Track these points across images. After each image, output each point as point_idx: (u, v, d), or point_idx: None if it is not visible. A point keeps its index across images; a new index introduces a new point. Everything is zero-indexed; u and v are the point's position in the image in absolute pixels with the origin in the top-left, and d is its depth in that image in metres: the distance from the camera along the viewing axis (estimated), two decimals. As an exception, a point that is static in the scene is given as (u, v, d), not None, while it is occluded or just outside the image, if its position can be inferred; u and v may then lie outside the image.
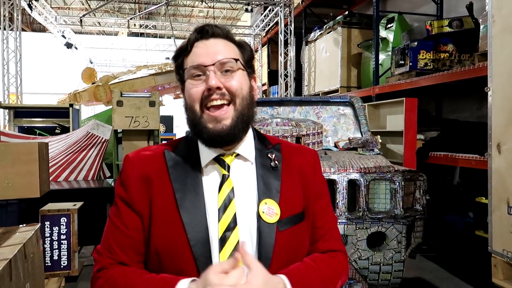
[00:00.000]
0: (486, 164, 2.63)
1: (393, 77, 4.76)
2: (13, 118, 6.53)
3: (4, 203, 3.21)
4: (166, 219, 0.88)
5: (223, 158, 0.93)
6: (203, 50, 0.90)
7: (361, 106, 3.54)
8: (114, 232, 0.93)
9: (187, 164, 0.93)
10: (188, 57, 0.92)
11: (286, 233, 0.90)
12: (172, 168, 0.92)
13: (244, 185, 0.92)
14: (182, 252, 0.86)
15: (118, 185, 0.96)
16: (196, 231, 0.86)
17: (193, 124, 0.91)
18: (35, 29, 16.38)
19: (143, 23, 12.85)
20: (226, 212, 0.88)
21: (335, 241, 1.01)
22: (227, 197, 0.89)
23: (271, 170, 0.95)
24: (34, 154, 3.27)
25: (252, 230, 0.89)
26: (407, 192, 2.38)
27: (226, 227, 0.87)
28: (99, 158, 5.20)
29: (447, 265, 3.83)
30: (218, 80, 0.87)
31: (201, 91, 0.88)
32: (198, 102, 0.89)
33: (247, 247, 0.86)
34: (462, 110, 5.07)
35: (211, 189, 0.91)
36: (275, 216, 0.89)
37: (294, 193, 0.95)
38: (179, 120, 13.53)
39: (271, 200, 0.91)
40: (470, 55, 4.30)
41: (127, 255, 0.91)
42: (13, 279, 1.97)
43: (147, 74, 8.79)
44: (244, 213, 0.89)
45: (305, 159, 1.01)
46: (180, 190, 0.89)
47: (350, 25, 6.25)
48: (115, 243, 0.91)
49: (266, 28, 11.15)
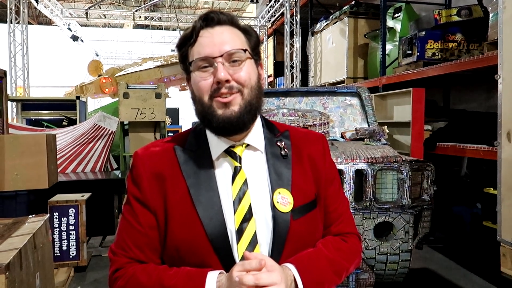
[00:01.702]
0: (494, 154, 2.60)
1: (400, 68, 4.71)
2: (20, 110, 6.59)
3: (14, 194, 3.25)
4: (183, 216, 0.87)
5: (233, 150, 0.93)
6: (209, 40, 0.88)
7: (368, 96, 3.51)
8: (129, 230, 0.92)
9: (198, 158, 0.92)
10: (193, 47, 0.89)
11: (300, 222, 0.90)
12: (184, 164, 0.91)
13: (256, 176, 0.92)
14: (202, 246, 0.85)
15: (130, 183, 0.95)
16: (214, 225, 0.86)
17: (202, 115, 0.90)
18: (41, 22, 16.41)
19: (148, 15, 12.82)
20: (241, 203, 0.88)
21: (347, 224, 1.01)
22: (241, 189, 0.89)
23: (281, 159, 0.94)
24: (42, 146, 3.30)
25: (268, 220, 0.88)
26: (414, 182, 2.37)
27: (242, 219, 0.87)
28: (106, 150, 5.23)
29: (454, 256, 3.82)
30: (226, 73, 0.86)
31: (210, 84, 0.87)
32: (208, 94, 0.87)
33: (264, 237, 0.88)
34: (470, 100, 5.02)
35: (224, 182, 0.91)
36: (288, 205, 0.89)
37: (305, 181, 0.95)
38: (185, 112, 13.56)
39: (284, 189, 0.90)
40: (479, 44, 4.24)
41: (144, 253, 0.90)
42: (23, 268, 2.00)
43: (153, 66, 8.79)
44: (258, 204, 0.89)
45: (314, 145, 1.00)
46: (194, 185, 0.89)
47: (356, 15, 6.19)
48: (131, 242, 0.90)
49: (271, 19, 11.07)
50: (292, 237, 0.88)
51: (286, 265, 0.85)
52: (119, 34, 15.52)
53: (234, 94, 0.87)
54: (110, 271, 0.91)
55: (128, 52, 15.63)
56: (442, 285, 3.23)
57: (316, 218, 0.95)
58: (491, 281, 3.21)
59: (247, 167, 0.92)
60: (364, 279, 2.34)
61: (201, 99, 0.88)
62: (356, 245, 1.00)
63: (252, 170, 0.92)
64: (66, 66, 14.50)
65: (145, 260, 0.90)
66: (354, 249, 0.99)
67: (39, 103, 6.70)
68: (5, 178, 3.19)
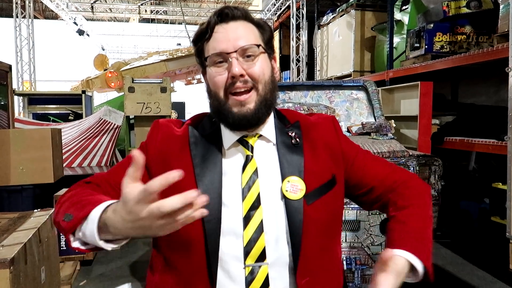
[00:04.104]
0: (504, 149, 2.55)
1: (408, 61, 4.65)
2: (27, 105, 6.61)
3: (19, 188, 3.26)
4: (182, 190, 0.87)
5: (246, 139, 0.94)
6: (224, 36, 0.90)
7: (375, 90, 3.47)
8: (117, 168, 0.97)
9: (208, 142, 0.95)
10: (208, 42, 0.91)
11: (315, 205, 0.90)
12: (193, 144, 0.94)
13: (267, 165, 0.93)
14: (194, 224, 0.84)
15: (144, 142, 1.00)
16: (212, 207, 0.86)
17: (217, 110, 0.92)
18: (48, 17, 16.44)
19: (154, 9, 12.79)
20: (250, 191, 0.89)
21: (389, 175, 1.00)
22: (251, 177, 0.90)
23: (292, 148, 0.95)
24: (47, 140, 3.30)
25: (277, 209, 0.90)
26: (421, 177, 2.33)
27: (250, 206, 0.88)
28: (112, 144, 5.24)
29: (461, 251, 3.78)
30: (241, 68, 0.87)
31: (225, 79, 0.89)
32: (223, 89, 0.90)
33: (272, 225, 0.88)
34: (479, 94, 4.95)
35: (233, 169, 0.92)
36: (299, 192, 0.89)
37: (319, 165, 0.95)
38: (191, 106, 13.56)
39: (294, 177, 0.91)
40: (489, 36, 4.16)
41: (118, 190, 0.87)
42: (28, 262, 2.00)
43: (158, 60, 8.78)
44: (267, 193, 0.90)
45: (325, 129, 1.01)
46: (199, 166, 0.91)
47: (363, 8, 6.11)
48: (116, 175, 0.93)
49: (277, 12, 10.99)
50: (309, 222, 0.88)
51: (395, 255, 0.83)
52: (125, 28, 15.52)
53: (250, 91, 0.89)
54: (87, 179, 0.96)
55: (134, 46, 15.64)
56: (449, 280, 3.21)
57: (335, 196, 0.95)
58: (499, 277, 3.17)
59: (259, 156, 0.93)
60: (370, 275, 2.32)
61: (217, 94, 0.91)
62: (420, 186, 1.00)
63: (263, 160, 0.93)
64: (72, 60, 14.54)
65: (111, 195, 0.90)
66: (420, 191, 0.99)
67: (45, 97, 6.71)
68: (11, 172, 3.20)
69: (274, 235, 0.88)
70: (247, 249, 0.86)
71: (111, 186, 0.93)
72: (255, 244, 0.86)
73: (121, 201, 0.67)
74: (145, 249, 4.00)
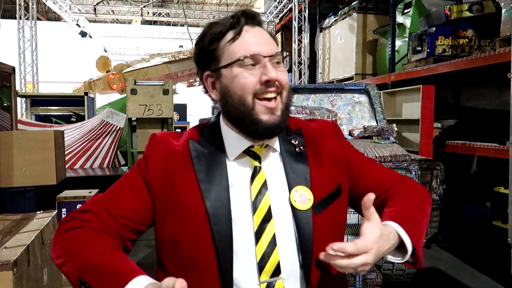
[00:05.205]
0: (506, 153, 2.55)
1: (410, 64, 4.65)
2: (30, 106, 6.64)
3: (22, 190, 3.27)
4: (188, 208, 0.85)
5: (253, 150, 0.91)
6: (255, 38, 0.87)
7: (377, 93, 3.48)
8: (119, 190, 0.91)
9: (211, 155, 0.91)
10: (234, 43, 0.86)
11: (323, 215, 0.88)
12: (196, 158, 0.90)
13: (274, 176, 0.90)
14: (204, 244, 0.83)
15: (141, 159, 0.95)
16: (222, 225, 0.83)
17: (241, 117, 0.87)
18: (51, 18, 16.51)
19: (156, 11, 12.83)
20: (261, 204, 0.86)
21: (390, 178, 1.00)
22: (260, 189, 0.87)
23: (297, 156, 0.93)
24: (50, 142, 3.31)
25: (287, 221, 0.87)
26: (423, 181, 2.34)
27: (262, 220, 0.85)
28: (114, 146, 5.25)
29: (463, 255, 3.78)
30: (276, 73, 0.85)
31: (255, 83, 0.85)
32: (252, 93, 0.85)
33: (284, 238, 0.85)
34: (481, 97, 4.94)
35: (240, 181, 0.89)
36: (308, 202, 0.87)
37: (324, 174, 0.93)
38: (193, 108, 13.57)
39: (302, 186, 0.88)
40: (491, 40, 4.16)
41: (116, 219, 0.86)
42: (30, 264, 2.01)
43: (160, 62, 8.80)
44: (278, 204, 0.87)
45: (327, 136, 0.99)
46: (204, 181, 0.87)
47: (365, 11, 6.12)
48: (114, 198, 0.89)
49: (279, 14, 11.01)
50: (318, 232, 0.86)
51: (386, 223, 0.83)
52: (127, 30, 15.57)
53: (277, 97, 0.87)
54: (80, 208, 0.89)
55: (136, 48, 15.67)
56: (450, 284, 3.20)
57: (341, 205, 0.94)
58: (500, 281, 3.16)
59: (265, 167, 0.91)
60: (371, 279, 2.32)
61: (243, 98, 0.85)
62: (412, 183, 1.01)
63: (270, 170, 0.91)
64: (75, 62, 14.58)
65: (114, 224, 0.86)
66: (415, 187, 1.00)
67: (48, 99, 6.74)
68: (14, 174, 3.21)
69: (286, 248, 0.85)
70: (261, 264, 0.83)
71: (110, 214, 0.87)
72: (269, 259, 0.83)
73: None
74: (146, 251, 4.00)
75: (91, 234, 0.83)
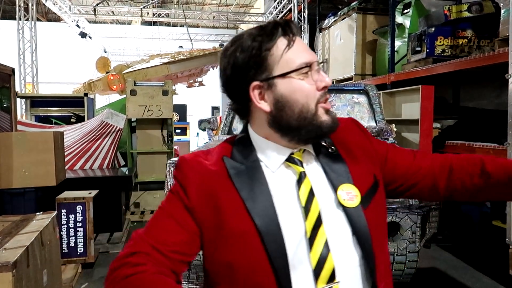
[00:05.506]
0: (505, 153, 2.55)
1: (409, 64, 4.66)
2: (29, 107, 6.64)
3: (22, 191, 3.28)
4: (239, 230, 0.83)
5: (293, 156, 0.90)
6: (304, 47, 0.88)
7: (376, 94, 3.48)
8: (165, 224, 0.85)
9: (250, 170, 0.88)
10: (290, 50, 0.85)
11: (371, 208, 0.88)
12: (235, 176, 0.86)
13: (317, 179, 0.89)
14: (261, 264, 0.80)
15: (176, 185, 0.89)
16: (275, 241, 0.81)
17: (303, 123, 0.86)
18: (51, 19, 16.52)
19: (156, 12, 12.84)
20: (311, 210, 0.84)
21: (436, 158, 1.01)
22: (309, 195, 0.85)
23: (331, 156, 0.92)
24: (49, 143, 3.32)
25: (338, 222, 0.85)
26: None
27: (313, 225, 0.83)
28: (114, 147, 5.26)
29: (462, 255, 3.78)
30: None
31: (315, 90, 0.86)
32: (315, 100, 0.86)
33: (336, 241, 0.84)
34: (480, 97, 4.95)
35: (281, 192, 0.86)
36: (355, 198, 0.86)
37: (361, 168, 0.93)
38: (193, 109, 13.58)
39: (346, 184, 0.88)
40: (490, 40, 4.16)
41: (168, 257, 0.82)
42: (30, 265, 2.01)
43: (160, 63, 8.79)
44: (326, 207, 0.86)
45: (351, 132, 0.99)
46: (250, 198, 0.84)
47: (365, 11, 6.12)
48: (163, 234, 0.83)
49: (279, 15, 11.02)
50: (371, 226, 0.86)
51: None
52: (127, 31, 15.55)
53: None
54: (126, 251, 0.82)
55: (136, 48, 15.65)
56: (450, 284, 3.20)
57: (381, 196, 0.94)
58: (500, 281, 3.17)
59: (308, 171, 0.89)
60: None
61: (307, 105, 0.85)
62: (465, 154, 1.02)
63: (312, 173, 0.89)
64: (75, 63, 14.57)
65: (168, 263, 0.82)
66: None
67: (48, 100, 6.74)
68: (13, 175, 3.22)
69: (340, 250, 0.84)
70: (317, 271, 0.81)
71: (160, 253, 0.81)
72: (324, 264, 0.81)
73: None
74: (146, 252, 4.00)
75: (153, 279, 0.78)
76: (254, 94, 0.87)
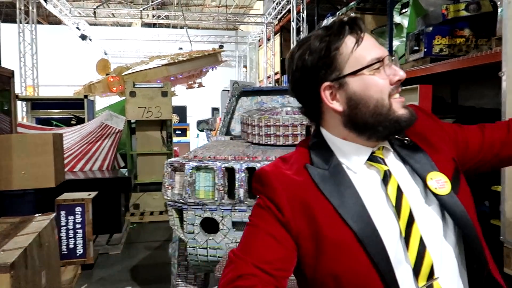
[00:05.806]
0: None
1: (407, 64, 4.66)
2: (30, 109, 6.65)
3: (21, 192, 3.29)
4: (338, 239, 0.81)
5: (375, 155, 0.88)
6: (373, 42, 0.87)
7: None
8: (259, 242, 0.82)
9: (333, 175, 0.86)
10: (359, 47, 0.84)
11: (461, 192, 0.86)
12: (322, 183, 0.84)
13: (401, 175, 0.87)
14: (366, 270, 0.79)
15: (265, 201, 0.86)
16: (376, 246, 0.79)
17: (379, 120, 0.84)
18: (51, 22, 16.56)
19: (155, 14, 12.87)
20: (402, 208, 0.82)
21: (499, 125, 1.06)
22: (397, 192, 0.84)
23: (410, 147, 0.90)
24: (49, 145, 3.34)
25: (430, 215, 0.84)
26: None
27: (406, 224, 0.81)
28: (113, 148, 5.28)
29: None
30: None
31: (388, 84, 0.85)
32: (388, 94, 0.85)
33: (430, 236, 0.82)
34: (479, 96, 4.95)
35: (368, 192, 0.85)
36: (446, 185, 0.84)
37: (441, 154, 0.91)
38: (193, 110, 13.59)
39: (434, 172, 0.86)
40: (488, 39, 4.16)
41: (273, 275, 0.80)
42: (28, 267, 2.02)
43: (159, 65, 8.81)
44: (416, 203, 0.84)
45: (419, 119, 0.94)
46: (341, 204, 0.82)
47: (363, 11, 6.13)
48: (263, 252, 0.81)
49: (278, 16, 11.03)
50: (468, 209, 0.84)
51: None
52: (127, 33, 15.57)
53: None
54: (231, 275, 0.79)
55: (136, 50, 15.67)
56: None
57: (463, 178, 0.93)
58: (499, 280, 3.16)
59: (392, 168, 0.88)
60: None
61: (382, 100, 0.84)
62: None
63: (396, 170, 0.88)
64: (75, 65, 14.59)
65: (273, 284, 0.78)
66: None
67: (48, 102, 6.76)
68: (13, 177, 3.24)
69: (435, 245, 0.82)
70: (416, 270, 0.80)
71: (265, 272, 0.79)
72: (422, 262, 0.80)
73: None
74: (146, 252, 4.02)
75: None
76: (326, 94, 0.86)
